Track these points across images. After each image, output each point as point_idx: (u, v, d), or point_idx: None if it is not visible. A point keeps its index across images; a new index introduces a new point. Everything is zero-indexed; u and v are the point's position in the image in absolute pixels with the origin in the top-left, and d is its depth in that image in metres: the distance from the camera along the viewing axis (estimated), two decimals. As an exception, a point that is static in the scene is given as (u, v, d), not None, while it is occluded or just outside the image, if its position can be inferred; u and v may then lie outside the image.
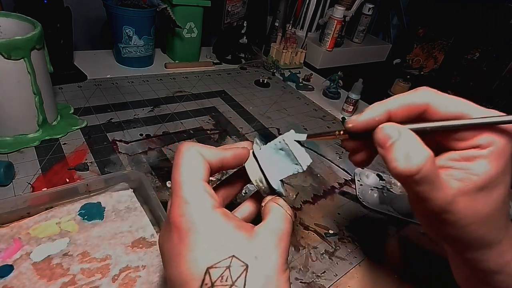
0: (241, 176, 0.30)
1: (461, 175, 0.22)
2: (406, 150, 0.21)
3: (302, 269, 0.40)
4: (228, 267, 0.20)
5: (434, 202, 0.22)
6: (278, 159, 0.28)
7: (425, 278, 0.42)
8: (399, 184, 0.56)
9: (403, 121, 0.23)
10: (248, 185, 0.31)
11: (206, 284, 0.20)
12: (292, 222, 0.25)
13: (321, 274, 0.40)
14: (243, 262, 0.21)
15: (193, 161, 0.24)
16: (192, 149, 0.24)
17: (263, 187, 0.27)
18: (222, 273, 0.20)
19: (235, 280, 0.20)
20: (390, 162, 0.21)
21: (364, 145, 0.27)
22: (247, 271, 0.20)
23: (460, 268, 0.29)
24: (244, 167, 0.28)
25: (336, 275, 0.40)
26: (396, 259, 0.44)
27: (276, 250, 0.22)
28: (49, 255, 0.33)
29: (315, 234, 0.45)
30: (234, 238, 0.22)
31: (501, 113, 0.21)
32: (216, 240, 0.21)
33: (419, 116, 0.23)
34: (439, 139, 0.24)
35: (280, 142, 0.28)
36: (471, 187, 0.21)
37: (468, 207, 0.22)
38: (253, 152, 0.28)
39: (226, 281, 0.20)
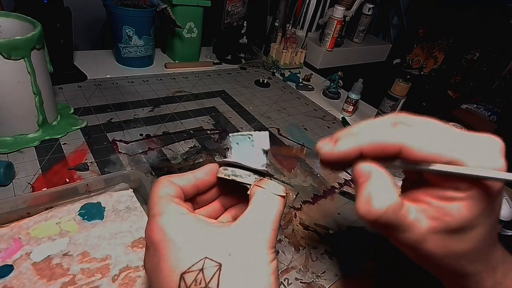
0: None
1: (434, 214, 0.21)
2: (372, 193, 0.20)
3: (302, 269, 0.40)
4: (201, 270, 0.20)
5: (403, 241, 0.22)
6: (248, 153, 0.27)
7: (424, 278, 0.42)
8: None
9: (378, 158, 0.22)
10: None
11: None
12: (283, 201, 0.24)
13: (321, 274, 0.40)
14: (216, 262, 0.20)
15: (164, 187, 0.24)
16: (163, 179, 0.25)
17: (240, 175, 0.26)
18: (195, 277, 0.20)
19: (208, 282, 0.19)
20: (356, 201, 0.21)
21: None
22: (220, 271, 0.20)
23: None
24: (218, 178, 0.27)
25: (336, 275, 0.40)
26: (395, 259, 0.44)
27: (256, 240, 0.21)
28: (49, 255, 0.33)
29: (315, 234, 0.45)
30: (207, 237, 0.21)
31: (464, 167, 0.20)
32: (188, 243, 0.21)
33: (396, 156, 0.21)
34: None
35: (249, 138, 0.27)
36: (442, 227, 0.21)
37: (439, 246, 0.21)
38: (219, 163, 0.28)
39: (200, 284, 0.19)
